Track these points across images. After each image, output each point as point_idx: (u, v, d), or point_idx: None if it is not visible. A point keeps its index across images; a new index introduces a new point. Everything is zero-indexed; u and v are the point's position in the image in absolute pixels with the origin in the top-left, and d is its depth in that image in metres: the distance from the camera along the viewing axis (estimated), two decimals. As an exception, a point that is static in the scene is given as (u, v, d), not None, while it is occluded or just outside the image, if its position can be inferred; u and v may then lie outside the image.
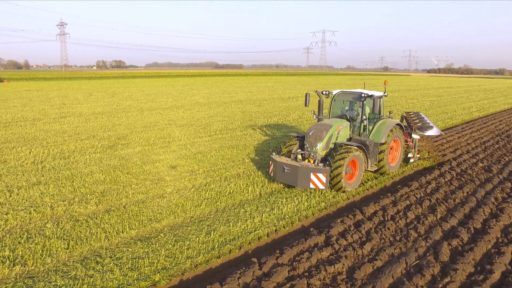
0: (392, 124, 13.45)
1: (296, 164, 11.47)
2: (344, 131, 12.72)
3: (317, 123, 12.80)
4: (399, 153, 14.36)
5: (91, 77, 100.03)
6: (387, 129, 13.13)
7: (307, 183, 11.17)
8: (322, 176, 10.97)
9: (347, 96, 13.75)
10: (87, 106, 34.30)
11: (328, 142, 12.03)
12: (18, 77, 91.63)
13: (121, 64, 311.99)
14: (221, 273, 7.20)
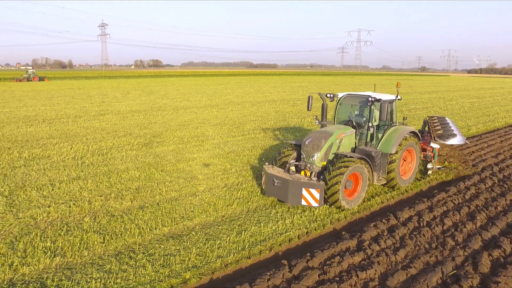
0: (405, 132, 11.90)
1: (286, 177, 10.16)
2: (348, 140, 11.40)
3: (317, 130, 11.58)
4: (413, 165, 12.65)
5: (129, 76, 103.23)
6: (399, 138, 11.59)
7: (298, 199, 9.86)
8: (315, 192, 9.67)
9: (355, 100, 12.18)
10: (125, 104, 35.41)
11: (327, 152, 10.73)
12: (62, 76, 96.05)
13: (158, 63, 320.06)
14: (250, 274, 7.21)
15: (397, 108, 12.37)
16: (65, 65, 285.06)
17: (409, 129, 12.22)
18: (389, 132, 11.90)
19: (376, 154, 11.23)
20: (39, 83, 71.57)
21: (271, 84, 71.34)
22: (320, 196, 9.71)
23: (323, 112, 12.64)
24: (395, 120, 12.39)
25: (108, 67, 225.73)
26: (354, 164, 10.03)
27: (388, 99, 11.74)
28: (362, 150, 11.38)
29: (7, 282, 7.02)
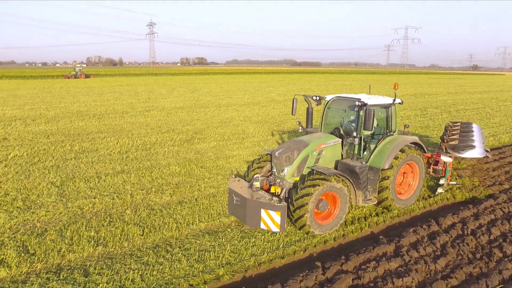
0: (404, 143, 9.96)
1: (246, 194, 8.73)
2: (332, 151, 9.67)
3: (293, 139, 10.04)
4: (416, 182, 10.70)
5: (175, 73, 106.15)
6: (394, 150, 9.68)
7: (256, 222, 8.53)
8: (275, 215, 8.23)
9: (345, 104, 10.21)
10: (170, 100, 36.47)
11: (301, 165, 9.17)
12: (113, 73, 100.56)
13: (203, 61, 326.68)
14: (283, 274, 7.19)
15: (396, 114, 10.48)
16: (116, 62, 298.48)
17: (409, 139, 10.28)
18: (384, 143, 9.98)
19: (361, 170, 9.39)
20: (85, 79, 75.39)
21: (313, 82, 70.57)
22: (281, 220, 8.23)
23: (308, 117, 11.07)
24: (394, 128, 10.43)
25: (156, 64, 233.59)
26: (326, 183, 8.40)
27: (380, 103, 10.03)
28: (344, 164, 9.63)
29: (55, 266, 7.49)
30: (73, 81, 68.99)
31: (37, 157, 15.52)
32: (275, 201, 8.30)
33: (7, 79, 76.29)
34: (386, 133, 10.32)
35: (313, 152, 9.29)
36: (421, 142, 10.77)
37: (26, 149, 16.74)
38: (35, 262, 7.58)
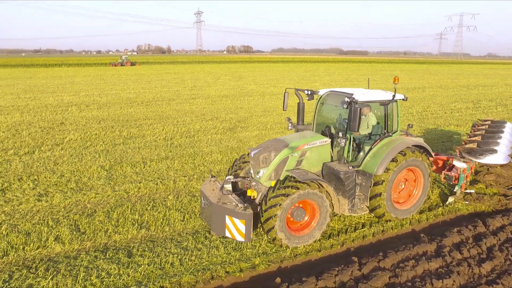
0: (403, 146, 8.74)
1: (213, 198, 8.07)
2: (318, 153, 8.63)
3: (275, 138, 9.22)
4: (419, 191, 9.39)
5: (221, 61, 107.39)
6: (391, 154, 8.48)
7: (222, 229, 7.80)
8: (239, 224, 7.45)
9: (339, 99, 8.77)
10: (215, 88, 37.05)
11: (279, 168, 8.26)
12: (161, 61, 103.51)
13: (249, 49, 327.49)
14: (319, 267, 7.18)
15: (398, 112, 9.19)
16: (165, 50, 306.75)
17: (410, 141, 8.99)
18: (380, 144, 8.75)
19: (346, 175, 8.28)
20: (131, 67, 78.15)
21: (360, 72, 68.58)
22: (246, 230, 7.42)
23: (299, 113, 9.97)
24: (396, 128, 9.15)
25: (202, 52, 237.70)
26: (298, 191, 7.49)
27: (375, 99, 8.88)
28: (329, 168, 8.58)
29: (102, 245, 7.99)
30: (124, 69, 71.85)
31: (89, 142, 16.45)
32: (240, 208, 7.47)
33: (65, 66, 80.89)
34: (384, 134, 8.97)
35: (294, 154, 8.31)
36: (426, 145, 9.34)
37: (80, 134, 17.78)
38: (85, 240, 8.12)
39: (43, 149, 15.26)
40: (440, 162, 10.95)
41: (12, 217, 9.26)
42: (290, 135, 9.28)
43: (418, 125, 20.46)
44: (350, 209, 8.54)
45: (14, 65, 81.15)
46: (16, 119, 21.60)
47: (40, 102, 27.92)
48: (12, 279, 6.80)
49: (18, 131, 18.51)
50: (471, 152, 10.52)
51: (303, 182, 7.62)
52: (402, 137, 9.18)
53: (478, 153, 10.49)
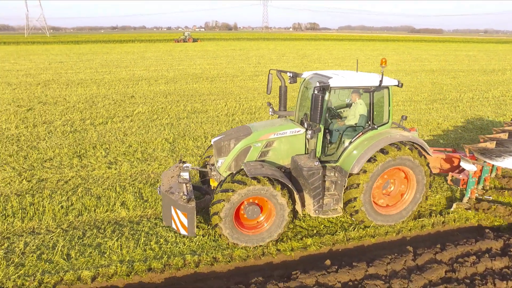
0: (387, 142, 7.49)
1: (165, 185, 7.70)
2: (288, 144, 7.76)
3: (242, 125, 8.56)
4: (411, 194, 8.08)
5: (286, 39, 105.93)
6: (370, 151, 7.37)
7: (169, 220, 7.30)
8: (182, 217, 6.93)
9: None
10: (278, 66, 36.81)
11: (239, 158, 7.60)
12: (227, 38, 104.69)
13: (315, 27, 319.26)
14: (371, 253, 7.04)
15: (390, 100, 7.91)
16: (231, 27, 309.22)
17: (398, 137, 7.63)
18: (362, 138, 7.69)
19: (310, 172, 7.22)
20: (195, 43, 79.86)
21: (432, 52, 63.80)
22: (188, 223, 6.88)
23: (281, 97, 8.83)
24: (387, 119, 7.96)
25: (268, 29, 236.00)
26: (248, 186, 6.78)
27: (355, 85, 7.71)
28: (295, 162, 7.63)
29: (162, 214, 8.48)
30: (191, 45, 73.87)
31: (156, 115, 17.33)
32: (183, 200, 6.90)
33: (138, 42, 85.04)
34: (369, 126, 7.79)
35: (257, 144, 7.60)
36: (421, 141, 7.95)
37: (148, 107, 18.78)
38: (147, 208, 8.70)
39: (115, 120, 16.38)
40: (456, 161, 9.27)
41: (86, 181, 10.17)
42: (260, 122, 8.68)
43: (494, 111, 18.78)
44: (317, 210, 7.50)
45: (94, 41, 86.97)
46: (93, 91, 23.32)
47: (114, 76, 29.80)
48: (85, 237, 7.54)
49: (94, 102, 20.01)
50: (485, 153, 8.74)
51: (252, 177, 6.87)
52: (389, 131, 7.87)
53: (495, 154, 8.68)
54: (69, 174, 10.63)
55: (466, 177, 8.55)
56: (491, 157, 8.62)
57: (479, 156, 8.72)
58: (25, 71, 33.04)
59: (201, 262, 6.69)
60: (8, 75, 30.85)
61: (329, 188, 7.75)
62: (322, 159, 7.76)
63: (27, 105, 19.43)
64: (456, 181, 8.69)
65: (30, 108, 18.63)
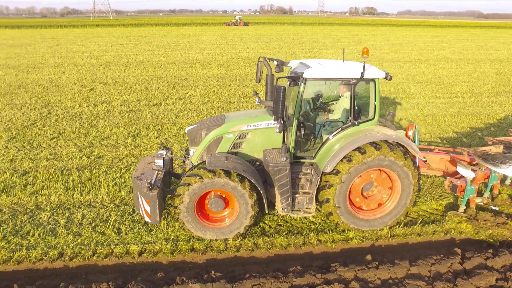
0: (366, 140, 6.89)
1: (136, 172, 7.54)
2: (263, 136, 7.42)
3: (219, 115, 8.25)
4: (395, 199, 7.44)
5: (342, 24, 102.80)
6: (344, 149, 6.84)
7: (137, 206, 7.14)
8: (145, 204, 6.79)
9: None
10: (332, 52, 35.96)
11: (210, 149, 7.41)
12: (282, 22, 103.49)
13: (373, 11, 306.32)
14: (415, 251, 6.80)
15: (376, 94, 7.17)
16: (286, 11, 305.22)
17: (379, 135, 6.96)
18: (341, 135, 7.18)
19: (276, 169, 6.86)
20: (244, 27, 79.59)
21: (500, 39, 58.73)
22: (151, 211, 6.74)
23: (268, 87, 7.98)
24: (373, 115, 7.29)
25: (324, 13, 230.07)
26: (204, 179, 6.58)
27: (333, 76, 7.08)
28: (265, 156, 7.30)
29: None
30: (245, 29, 73.95)
31: (207, 98, 17.70)
32: (146, 188, 6.72)
33: (194, 25, 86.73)
34: (349, 122, 7.23)
35: (228, 135, 7.36)
36: (407, 140, 7.24)
37: (200, 90, 19.22)
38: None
39: (168, 102, 16.97)
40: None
41: (139, 160, 10.69)
42: (238, 112, 8.35)
43: None
44: (285, 208, 7.11)
45: (152, 24, 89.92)
46: (150, 73, 24.25)
47: (169, 59, 30.73)
48: (134, 213, 7.98)
49: (150, 84, 20.82)
50: (488, 158, 7.83)
51: (209, 170, 6.66)
52: (371, 129, 7.18)
53: (499, 160, 7.67)
54: (123, 152, 11.25)
55: (465, 183, 7.71)
56: (494, 163, 7.68)
57: (480, 161, 7.87)
58: (90, 53, 35.03)
59: (242, 247, 6.86)
60: (75, 56, 32.91)
61: (303, 186, 7.34)
62: (298, 154, 7.41)
63: (90, 85, 20.67)
64: (454, 188, 7.87)
65: (92, 88, 19.79)
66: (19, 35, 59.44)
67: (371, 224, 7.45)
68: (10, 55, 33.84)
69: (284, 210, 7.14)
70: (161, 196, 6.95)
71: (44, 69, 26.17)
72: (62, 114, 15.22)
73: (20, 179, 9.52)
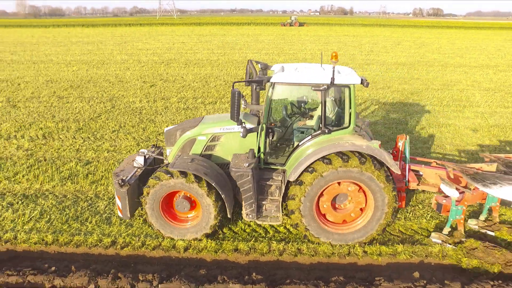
0: (334, 149, 6.52)
1: (118, 168, 7.85)
2: (237, 141, 7.30)
3: (200, 117, 8.21)
4: (369, 214, 6.95)
5: (404, 25, 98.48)
6: (311, 158, 6.55)
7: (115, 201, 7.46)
8: (117, 200, 7.06)
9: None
10: (392, 55, 34.63)
11: (184, 150, 7.49)
12: (341, 23, 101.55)
13: (438, 12, 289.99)
14: (470, 274, 6.35)
15: (352, 101, 6.71)
16: (347, 12, 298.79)
17: (347, 145, 6.55)
18: (311, 143, 6.91)
19: (237, 174, 6.71)
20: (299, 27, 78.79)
21: None
22: (122, 206, 7.03)
23: (253, 90, 8.28)
24: (348, 123, 6.88)
25: (386, 15, 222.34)
26: (162, 181, 6.70)
27: (301, 82, 6.76)
28: (233, 158, 7.07)
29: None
30: (304, 29, 73.47)
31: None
32: (118, 184, 6.97)
33: (254, 25, 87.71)
34: (319, 129, 6.90)
35: (201, 137, 7.39)
36: (382, 151, 6.62)
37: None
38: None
39: (223, 100, 17.33)
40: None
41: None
42: (217, 114, 8.27)
43: None
44: (249, 214, 6.95)
45: (213, 23, 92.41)
46: (207, 71, 24.93)
47: (228, 58, 31.38)
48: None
49: (207, 82, 21.41)
50: (475, 177, 7.13)
51: (166, 172, 6.72)
52: (341, 138, 6.82)
53: (489, 179, 6.94)
54: (177, 148, 11.67)
55: (448, 203, 7.05)
56: (484, 183, 6.92)
57: (468, 179, 7.19)
58: (153, 50, 36.78)
59: (286, 251, 6.84)
60: (139, 53, 34.73)
61: (273, 193, 7.09)
62: (269, 160, 7.25)
63: (151, 81, 21.70)
64: (439, 207, 7.20)
65: (152, 85, 20.76)
66: (93, 33, 63.90)
67: (344, 238, 7.03)
68: (84, 51, 36.49)
69: (249, 216, 7.01)
70: (133, 193, 7.12)
71: (111, 65, 27.90)
72: (124, 108, 16.13)
73: (83, 168, 10.24)
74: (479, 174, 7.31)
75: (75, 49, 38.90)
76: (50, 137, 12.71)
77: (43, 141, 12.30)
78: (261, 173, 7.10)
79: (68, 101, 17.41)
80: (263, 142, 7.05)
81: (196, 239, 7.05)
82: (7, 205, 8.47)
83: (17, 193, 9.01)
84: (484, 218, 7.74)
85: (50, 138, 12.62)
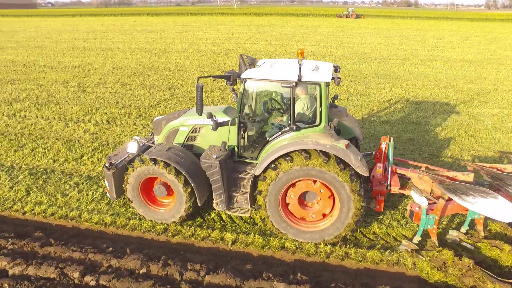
0: (297, 146, 6.53)
1: (112, 153, 8.64)
2: (217, 133, 7.45)
3: (187, 108, 8.76)
4: (335, 214, 6.84)
5: (474, 19, 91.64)
6: (274, 154, 6.59)
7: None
8: (106, 181, 7.82)
9: None
10: (458, 51, 32.49)
11: (169, 140, 7.93)
12: (404, 15, 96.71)
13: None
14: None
15: (323, 99, 6.62)
16: (411, 3, 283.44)
17: (310, 143, 6.53)
18: (280, 139, 6.97)
19: (206, 165, 6.97)
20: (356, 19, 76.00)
21: None
22: (109, 187, 7.75)
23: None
24: (319, 121, 6.79)
25: (454, 7, 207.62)
26: (136, 168, 7.29)
27: (269, 78, 6.79)
28: (207, 150, 7.36)
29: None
30: (364, 22, 71.04)
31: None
32: (105, 166, 7.62)
33: (313, 16, 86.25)
34: (288, 126, 6.95)
35: (183, 128, 7.80)
36: (346, 152, 6.46)
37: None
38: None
39: (277, 94, 17.28)
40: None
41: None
42: (192, 109, 8.63)
43: None
44: (219, 204, 7.24)
45: (272, 13, 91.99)
46: (263, 63, 24.95)
47: (285, 50, 31.20)
48: (233, 201, 8.39)
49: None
50: (448, 187, 6.64)
51: (140, 160, 7.25)
52: (307, 135, 6.78)
53: (461, 190, 6.46)
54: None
55: (419, 211, 6.73)
56: (456, 194, 6.43)
57: (441, 188, 6.75)
58: (212, 40, 37.51)
59: (333, 254, 6.75)
60: (199, 43, 35.59)
61: (245, 186, 7.25)
62: (243, 154, 7.45)
63: (209, 71, 22.18)
64: (411, 214, 6.93)
65: (210, 74, 21.18)
66: (157, 21, 66.44)
67: (312, 236, 7.01)
68: (148, 40, 38.10)
69: (218, 206, 7.30)
70: (120, 176, 7.69)
71: (172, 53, 28.89)
72: (182, 97, 16.68)
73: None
74: (453, 183, 6.93)
75: (140, 37, 40.72)
76: (113, 122, 13.50)
77: (107, 126, 13.09)
78: (236, 165, 7.41)
79: (131, 88, 18.33)
80: (236, 135, 7.31)
81: (174, 223, 7.51)
82: (74, 184, 9.17)
83: (82, 174, 9.72)
84: (465, 230, 7.30)
85: (113, 123, 13.41)
